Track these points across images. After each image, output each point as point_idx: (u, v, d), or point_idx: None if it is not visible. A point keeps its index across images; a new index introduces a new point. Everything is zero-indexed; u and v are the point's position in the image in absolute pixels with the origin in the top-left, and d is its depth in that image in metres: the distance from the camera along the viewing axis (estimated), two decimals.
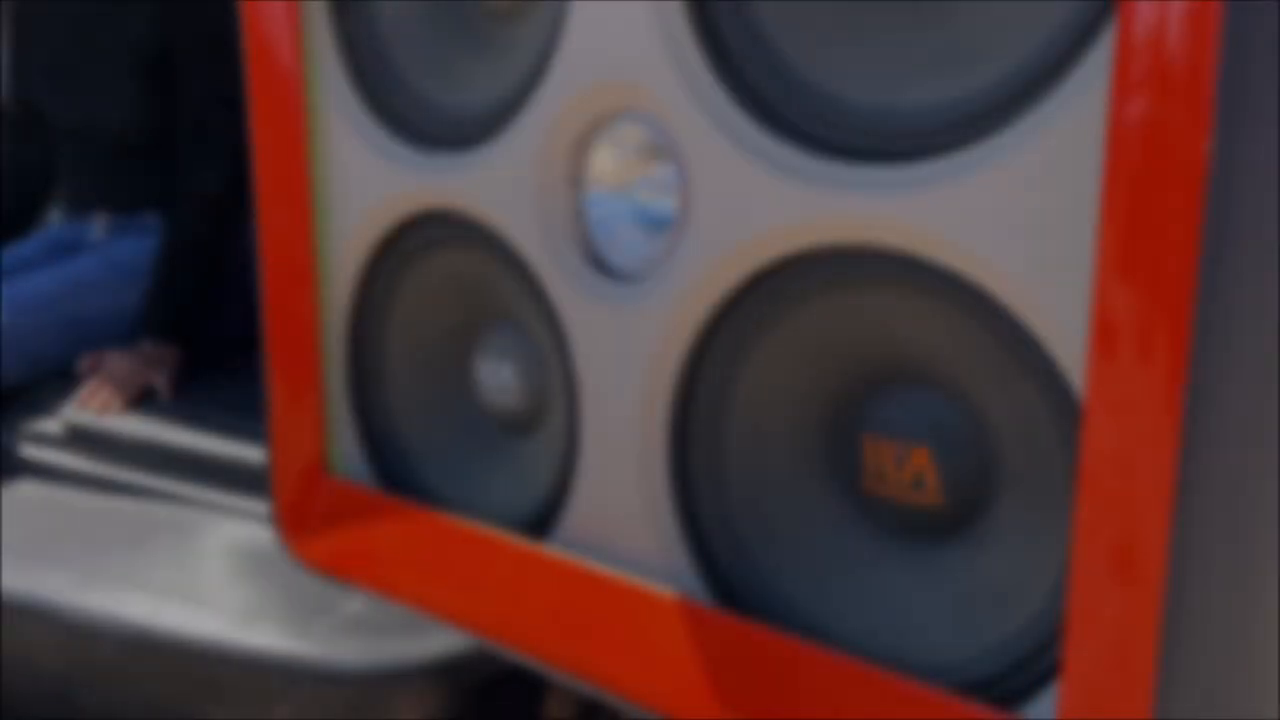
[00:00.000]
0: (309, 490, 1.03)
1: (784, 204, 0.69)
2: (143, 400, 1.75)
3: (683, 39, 0.72)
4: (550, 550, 0.85)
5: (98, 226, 1.94)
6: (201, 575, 1.44)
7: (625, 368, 0.79)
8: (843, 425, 0.75)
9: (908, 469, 0.72)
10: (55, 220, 2.13)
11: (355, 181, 0.96)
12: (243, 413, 1.77)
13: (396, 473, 1.03)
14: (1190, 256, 0.49)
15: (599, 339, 0.80)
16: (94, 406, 1.70)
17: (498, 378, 0.97)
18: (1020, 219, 0.59)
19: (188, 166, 1.85)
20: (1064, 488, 0.63)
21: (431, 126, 0.92)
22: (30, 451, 1.72)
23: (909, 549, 0.73)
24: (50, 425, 1.71)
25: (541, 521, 0.91)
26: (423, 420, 1.02)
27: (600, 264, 0.82)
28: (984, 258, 0.61)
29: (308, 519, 1.03)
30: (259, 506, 1.58)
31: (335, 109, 0.97)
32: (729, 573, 0.78)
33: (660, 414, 0.78)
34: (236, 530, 1.54)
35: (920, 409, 0.72)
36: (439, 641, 1.28)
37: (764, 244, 0.70)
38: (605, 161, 0.81)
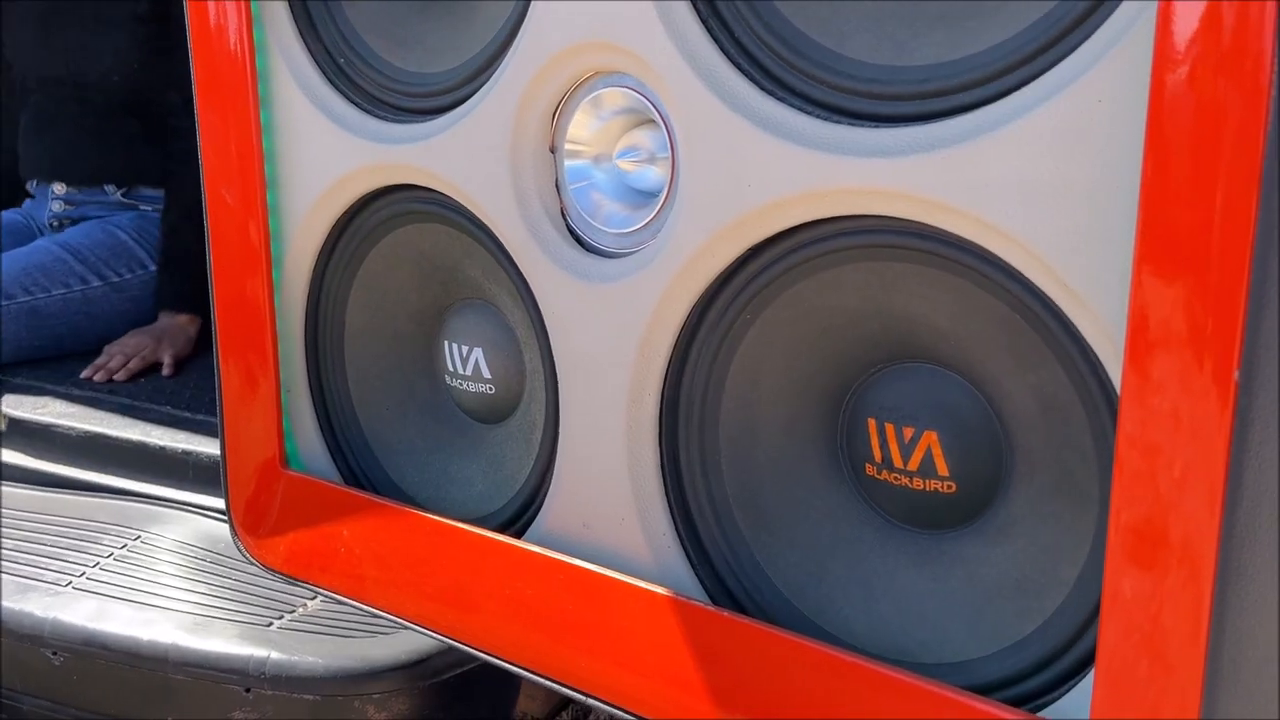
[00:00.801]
0: (267, 487, 0.97)
1: (783, 172, 0.63)
2: (148, 374, 1.73)
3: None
4: (530, 546, 0.80)
5: (53, 201, 1.86)
6: (150, 576, 1.37)
7: (611, 350, 0.74)
8: (844, 408, 0.71)
9: (915, 454, 0.67)
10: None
11: (313, 153, 0.90)
12: (195, 405, 1.70)
13: (360, 467, 0.97)
14: (1245, 236, 0.45)
15: (581, 320, 0.75)
16: (97, 377, 1.69)
17: (467, 364, 0.91)
18: (1043, 185, 0.54)
19: (191, 131, 1.78)
20: (1090, 475, 0.59)
21: (395, 96, 0.86)
22: None
23: (918, 539, 0.69)
24: None
25: (519, 515, 0.85)
26: (387, 410, 0.96)
27: (580, 239, 0.77)
28: (1002, 226, 0.56)
29: (266, 517, 0.97)
30: (207, 502, 1.51)
31: (288, 76, 0.90)
32: (724, 567, 0.73)
33: (650, 400, 0.73)
34: (184, 527, 1.47)
35: (929, 390, 0.67)
36: (405, 640, 1.23)
37: (761, 216, 0.65)
38: (583, 128, 0.76)
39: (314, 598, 1.34)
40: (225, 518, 1.43)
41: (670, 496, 0.74)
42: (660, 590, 0.74)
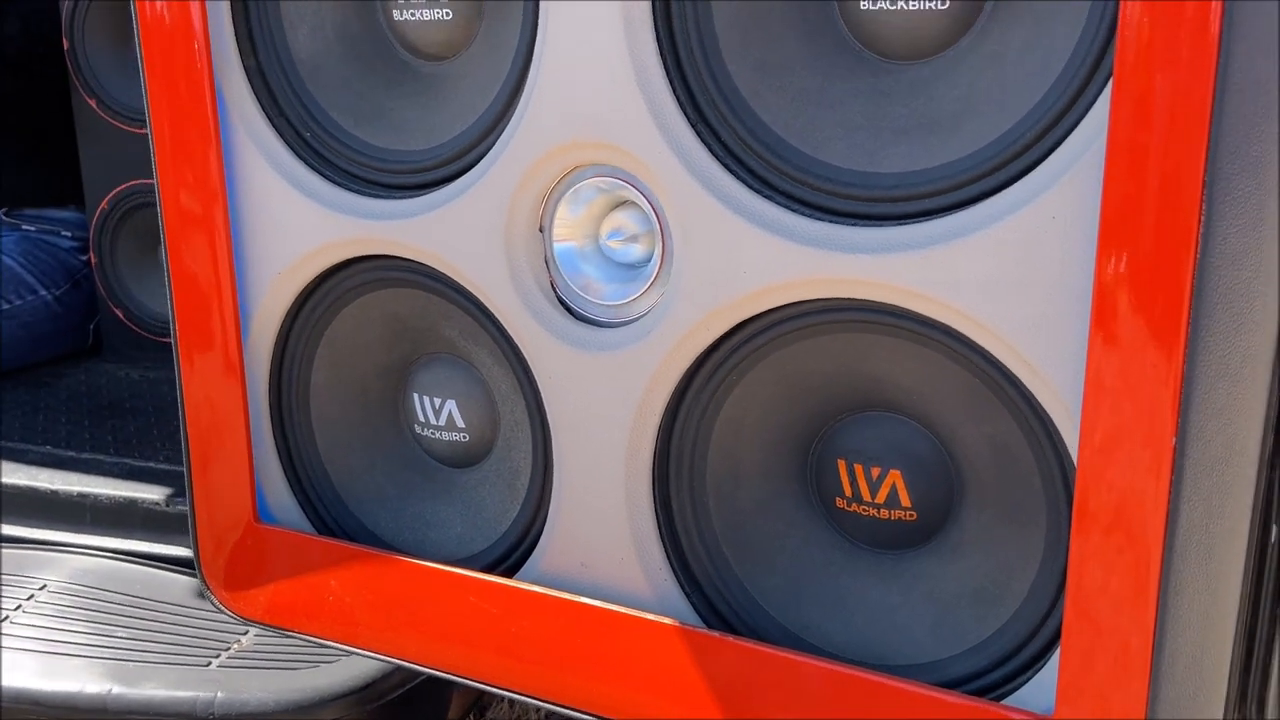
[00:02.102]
0: (241, 542, 1.00)
1: (775, 262, 0.74)
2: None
3: (663, 100, 0.76)
4: (531, 586, 0.88)
5: None
6: (67, 625, 1.35)
7: (608, 410, 0.83)
8: (816, 451, 0.82)
9: (882, 490, 0.80)
10: None
11: (284, 224, 0.94)
12: (75, 443, 1.66)
13: (332, 517, 1.02)
14: (1178, 326, 0.59)
15: (579, 384, 0.83)
16: None
17: (440, 414, 0.98)
18: (1005, 281, 0.67)
19: None
20: (1038, 505, 0.73)
21: (370, 171, 0.91)
22: None
23: (882, 559, 0.82)
24: None
25: (507, 556, 0.93)
26: (355, 462, 1.02)
27: (571, 310, 0.85)
28: (969, 312, 0.69)
29: (242, 572, 1.01)
30: (111, 544, 1.49)
31: (255, 151, 0.93)
32: (715, 595, 0.84)
33: (645, 452, 0.82)
34: (92, 573, 1.46)
35: (891, 436, 0.79)
36: (346, 667, 1.28)
37: (753, 299, 0.76)
38: (571, 209, 0.84)
39: (246, 633, 1.36)
40: (135, 559, 1.44)
41: (664, 535, 0.84)
42: (660, 619, 0.84)
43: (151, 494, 1.47)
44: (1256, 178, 0.59)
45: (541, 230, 0.85)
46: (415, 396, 0.99)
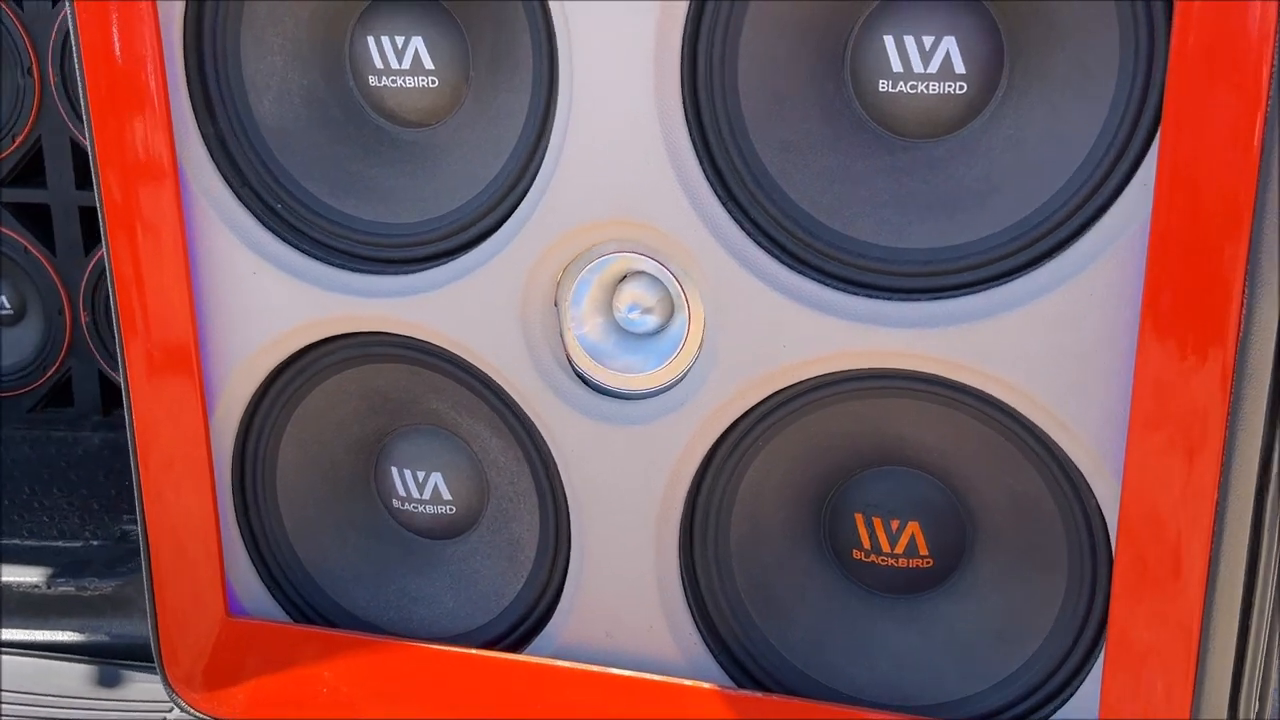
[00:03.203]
0: (211, 638, 0.94)
1: (810, 335, 0.77)
2: None
3: (696, 179, 0.77)
4: (554, 661, 0.87)
5: None
6: None
7: (636, 482, 0.83)
8: (831, 504, 0.86)
9: (901, 540, 0.84)
10: None
11: (254, 302, 0.88)
12: None
13: (304, 601, 0.97)
14: (1222, 398, 0.66)
15: (604, 457, 0.83)
16: None
17: (424, 488, 0.95)
18: (1041, 352, 0.73)
19: None
20: (1059, 548, 0.79)
21: (352, 244, 0.87)
22: None
23: (898, 602, 0.86)
24: None
25: (512, 630, 0.92)
26: (326, 540, 0.97)
27: (591, 384, 0.85)
28: (1005, 378, 0.74)
29: (213, 670, 0.94)
30: (15, 637, 1.35)
31: (220, 224, 0.87)
32: (742, 654, 0.86)
33: (674, 520, 0.84)
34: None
35: (909, 489, 0.84)
36: None
37: (788, 371, 0.78)
38: (590, 284, 0.83)
39: (171, 710, 1.27)
40: (45, 654, 1.32)
41: (690, 599, 0.86)
42: (692, 683, 0.85)
43: (28, 576, 1.34)
44: None
45: (556, 304, 0.84)
46: (394, 470, 0.96)
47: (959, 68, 0.75)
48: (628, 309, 0.83)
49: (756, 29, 0.76)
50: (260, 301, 0.88)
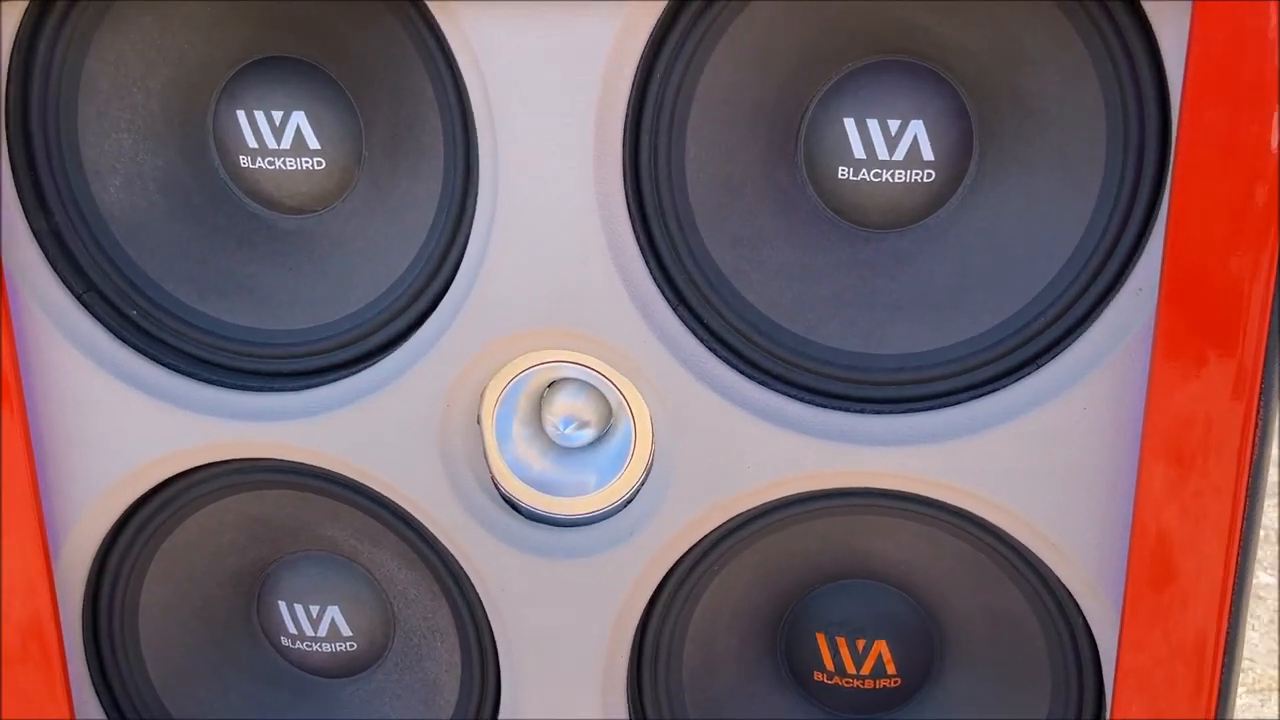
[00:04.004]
0: None
1: (777, 453, 0.68)
2: None
3: (642, 281, 0.67)
4: None
5: None
6: None
7: (576, 620, 0.73)
8: (792, 624, 0.78)
9: (868, 661, 0.77)
10: None
11: (106, 427, 0.74)
12: None
13: None
14: (1229, 520, 0.62)
15: (536, 592, 0.73)
16: None
17: (319, 624, 0.82)
18: (1025, 468, 0.66)
19: None
20: (1040, 664, 0.73)
21: (226, 356, 0.74)
22: None
23: None
24: None
25: None
26: (203, 689, 0.83)
27: (522, 511, 0.74)
28: (986, 497, 0.68)
29: None
30: None
31: (59, 336, 0.72)
32: None
33: (622, 658, 0.74)
34: None
35: (873, 604, 0.77)
36: None
37: (756, 494, 0.70)
38: (516, 397, 0.73)
39: None
40: None
41: None
42: None
43: None
44: None
45: (478, 421, 0.73)
46: (280, 605, 0.83)
47: (927, 154, 0.68)
48: (562, 423, 0.73)
49: (706, 110, 0.67)
50: (114, 429, 0.74)
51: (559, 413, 0.73)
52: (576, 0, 0.62)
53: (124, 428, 0.74)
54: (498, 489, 0.74)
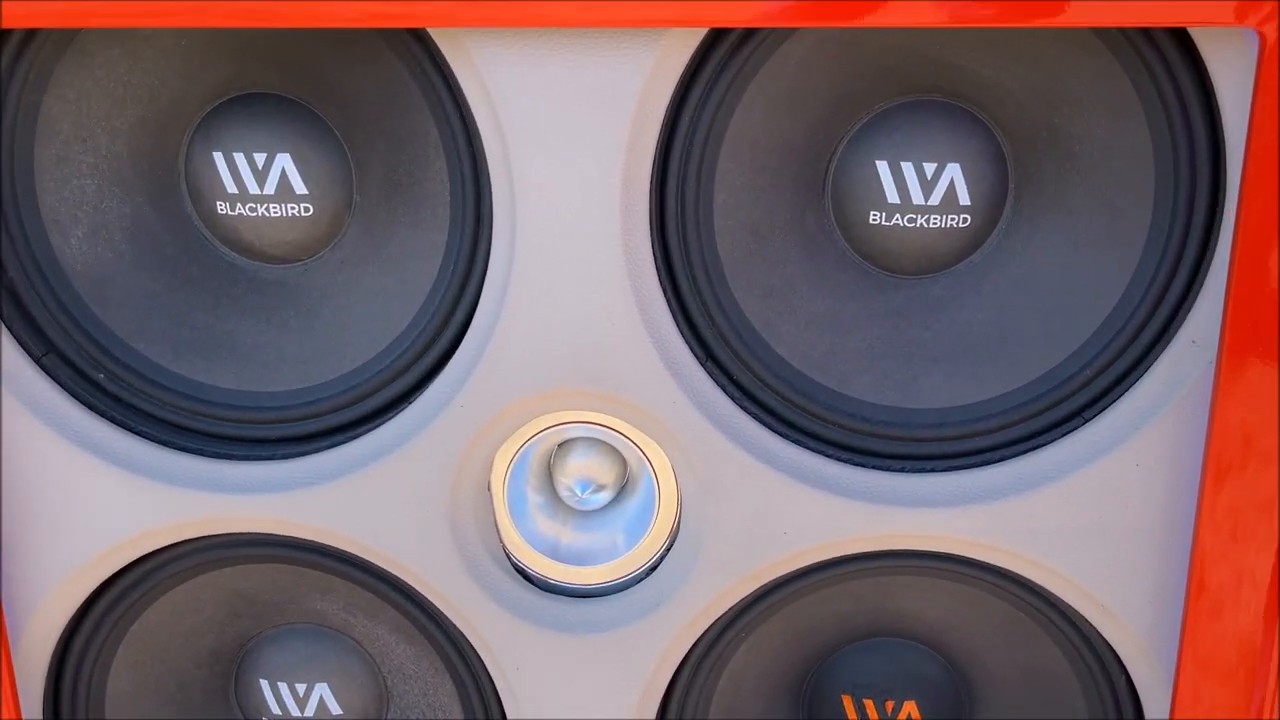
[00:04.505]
0: None
1: (814, 517, 0.64)
2: None
3: (670, 337, 0.63)
4: None
5: None
6: None
7: (596, 698, 0.68)
8: (816, 686, 0.74)
9: None
10: None
11: (71, 503, 0.67)
12: None
13: None
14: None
15: (552, 669, 0.68)
16: None
17: (306, 704, 0.76)
18: (1075, 527, 0.63)
19: None
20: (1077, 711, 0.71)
21: (205, 422, 0.67)
22: None
23: None
24: None
25: None
26: None
27: (536, 582, 0.69)
28: (1034, 559, 0.64)
29: None
30: None
31: (16, 403, 0.65)
32: None
33: None
34: None
35: (907, 665, 0.73)
36: None
37: (791, 559, 0.66)
38: (527, 460, 0.68)
39: None
40: None
41: None
42: None
43: None
44: None
45: (488, 486, 0.68)
46: (262, 683, 0.76)
47: (964, 198, 0.64)
48: (579, 486, 0.68)
49: (735, 152, 0.62)
50: (80, 505, 0.66)
51: (574, 475, 0.68)
52: (605, 33, 0.57)
53: (92, 504, 0.66)
54: (509, 559, 0.69)
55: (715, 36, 0.60)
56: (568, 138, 0.59)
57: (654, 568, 0.68)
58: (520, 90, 0.59)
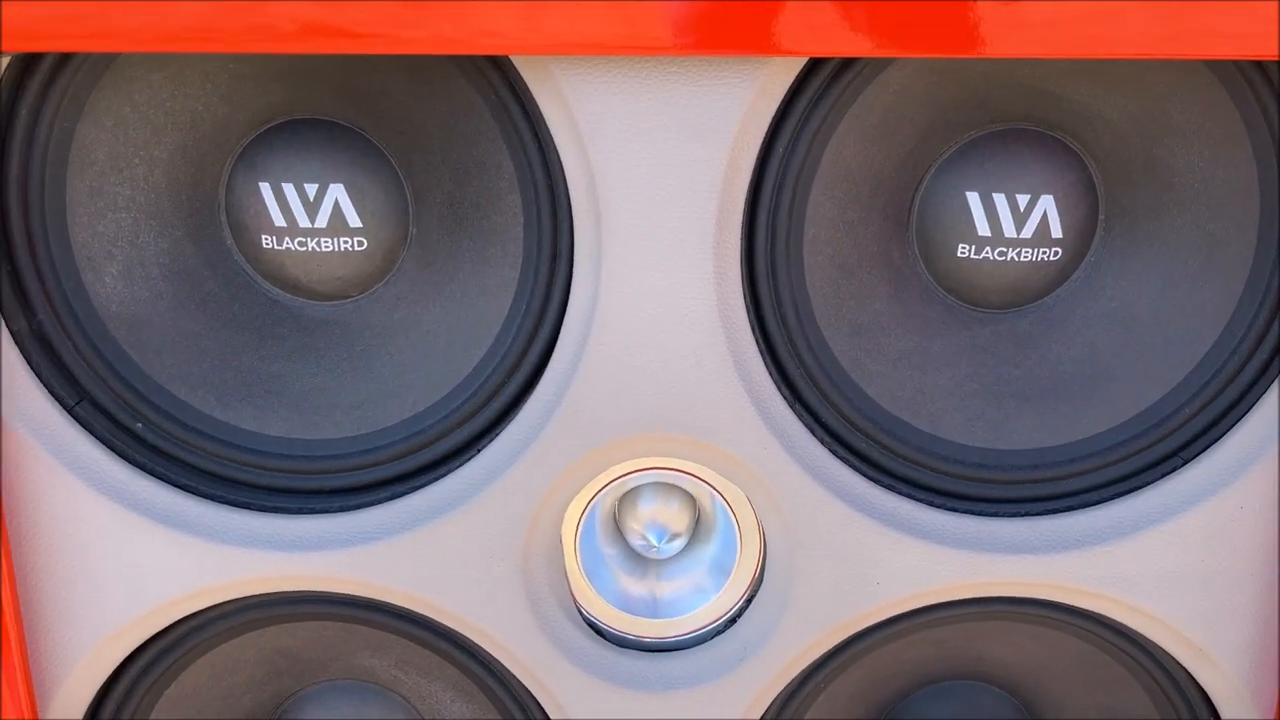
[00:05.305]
0: None
1: (909, 566, 0.61)
2: None
3: (762, 382, 0.59)
4: None
5: None
6: None
7: None
8: None
9: None
10: None
11: (108, 565, 0.61)
12: None
13: None
14: None
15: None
16: None
17: None
18: (1176, 573, 0.61)
19: None
20: None
21: (254, 474, 0.62)
22: None
23: None
24: None
25: None
26: None
27: (608, 636, 0.65)
28: (1135, 605, 0.62)
29: None
30: None
31: (47, 456, 0.60)
32: None
33: None
34: None
35: (982, 708, 0.71)
36: None
37: (883, 609, 0.63)
38: (597, 511, 0.64)
39: None
40: None
41: None
42: None
43: None
44: None
45: (560, 537, 0.64)
46: None
47: (1056, 231, 0.62)
48: (654, 535, 0.64)
49: (827, 186, 0.59)
50: (118, 565, 0.61)
51: (645, 522, 0.65)
52: (705, 61, 0.54)
53: (131, 563, 0.61)
54: (580, 613, 0.65)
55: (813, 64, 0.56)
56: (660, 171, 0.56)
57: (735, 619, 0.65)
58: (610, 121, 0.55)
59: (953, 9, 0.51)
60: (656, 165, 0.56)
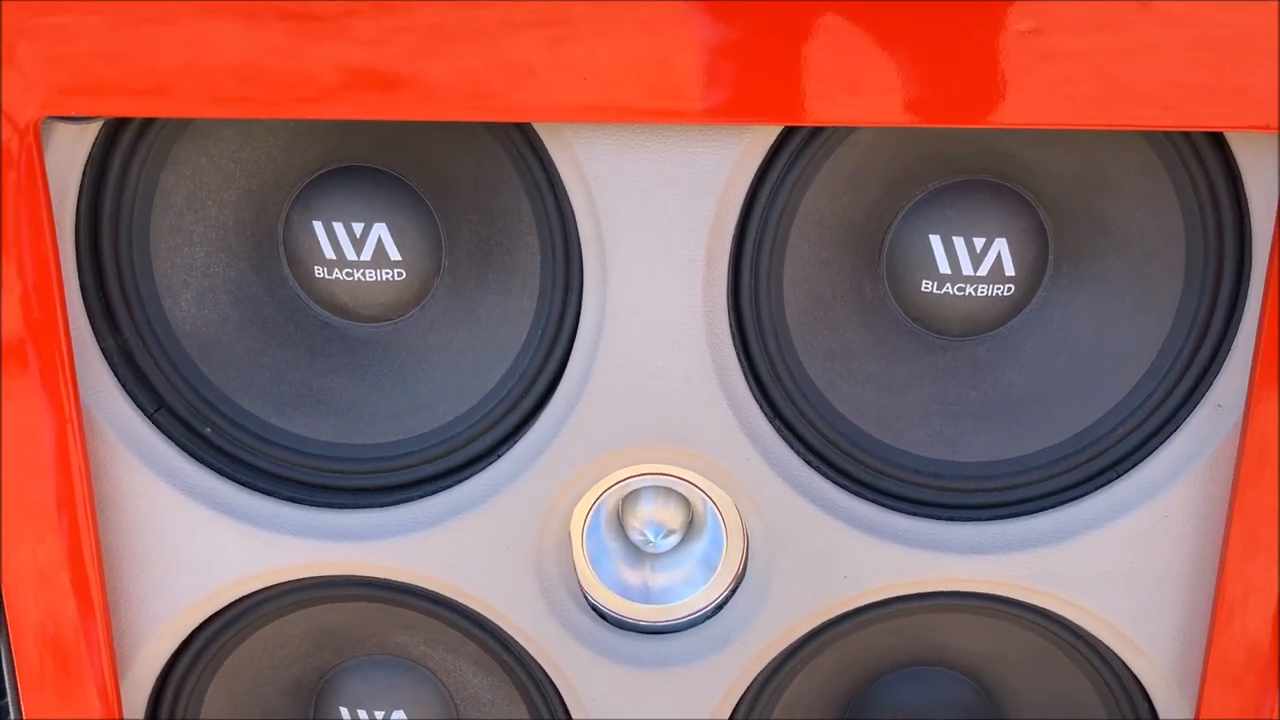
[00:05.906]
0: None
1: (871, 562, 0.70)
2: None
3: (744, 399, 0.68)
4: None
5: None
6: None
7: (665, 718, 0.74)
8: (864, 714, 0.80)
9: None
10: None
11: (182, 550, 0.71)
12: None
13: None
14: None
15: (627, 699, 0.73)
16: None
17: None
18: (1109, 571, 0.70)
19: None
20: None
21: (305, 473, 0.72)
22: None
23: None
24: None
25: None
26: None
27: (610, 619, 0.74)
28: (1072, 600, 0.71)
29: None
30: None
31: (131, 457, 0.70)
32: None
33: None
34: None
35: (946, 691, 0.80)
36: None
37: (846, 602, 0.71)
38: (603, 509, 0.73)
39: None
40: None
41: None
42: None
43: None
44: None
45: (569, 532, 0.73)
46: (343, 711, 0.81)
47: (1009, 270, 0.70)
48: (651, 531, 0.74)
49: (804, 231, 0.68)
50: (189, 550, 0.71)
51: (644, 520, 0.74)
52: (696, 128, 0.63)
53: (199, 548, 0.71)
54: (586, 599, 0.74)
55: (791, 128, 0.65)
56: (657, 218, 0.65)
57: (721, 606, 0.74)
58: (614, 175, 0.64)
59: (912, 85, 0.60)
60: (654, 213, 0.65)
